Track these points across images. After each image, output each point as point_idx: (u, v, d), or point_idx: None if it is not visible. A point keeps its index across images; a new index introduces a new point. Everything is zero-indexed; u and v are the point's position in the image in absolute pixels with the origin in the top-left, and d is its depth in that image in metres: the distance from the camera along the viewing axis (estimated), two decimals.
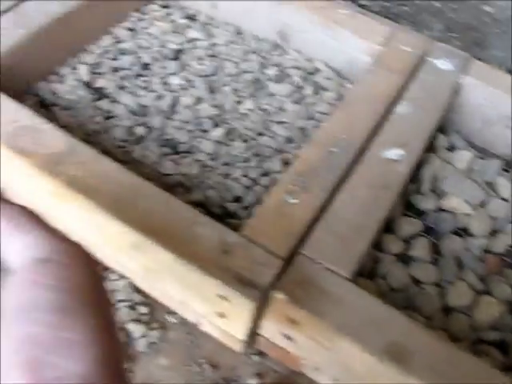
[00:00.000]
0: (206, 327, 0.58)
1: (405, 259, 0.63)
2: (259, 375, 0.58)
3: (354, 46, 0.78)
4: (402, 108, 0.69)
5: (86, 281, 0.31)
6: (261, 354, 0.60)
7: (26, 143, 0.58)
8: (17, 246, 0.32)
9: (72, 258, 0.31)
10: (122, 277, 0.61)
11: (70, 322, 0.29)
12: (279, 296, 0.50)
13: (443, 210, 0.67)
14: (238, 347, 0.57)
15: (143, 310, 0.63)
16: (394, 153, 0.63)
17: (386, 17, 0.95)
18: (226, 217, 0.62)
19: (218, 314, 0.54)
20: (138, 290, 0.61)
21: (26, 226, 0.33)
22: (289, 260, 0.53)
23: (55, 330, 0.28)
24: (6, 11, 0.73)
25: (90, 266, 0.32)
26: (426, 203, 0.67)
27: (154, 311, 0.61)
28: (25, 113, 0.61)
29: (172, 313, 0.61)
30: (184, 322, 0.61)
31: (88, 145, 0.59)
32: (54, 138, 0.59)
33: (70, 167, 0.57)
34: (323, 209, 0.57)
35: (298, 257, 0.53)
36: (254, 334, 0.56)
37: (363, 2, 1.03)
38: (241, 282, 0.50)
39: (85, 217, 0.57)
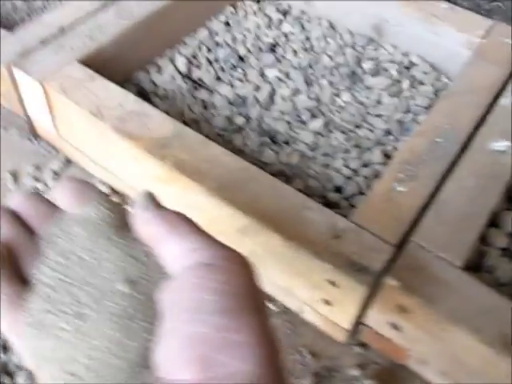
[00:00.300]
0: (308, 315, 0.58)
1: (510, 254, 0.61)
2: (360, 366, 0.57)
3: (453, 39, 0.77)
4: (506, 100, 0.67)
5: (246, 286, 0.32)
6: (362, 345, 0.59)
7: (134, 127, 0.60)
8: (177, 250, 0.33)
9: (233, 263, 0.32)
10: None
11: (236, 324, 0.29)
12: (391, 282, 0.49)
13: None
14: (340, 336, 0.57)
15: None
16: (500, 144, 0.62)
17: (479, 13, 0.93)
18: (327, 206, 0.61)
19: (324, 300, 0.53)
20: None
21: (186, 231, 0.34)
22: (399, 247, 0.52)
23: (222, 331, 0.29)
24: (109, 4, 0.75)
25: (248, 272, 0.33)
26: None
27: None
28: (131, 98, 0.63)
29: (273, 300, 0.60)
30: (285, 311, 0.60)
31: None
32: (160, 123, 0.60)
33: (177, 151, 0.57)
34: (432, 197, 0.56)
35: (408, 244, 0.52)
36: (358, 324, 0.56)
37: None
38: (352, 267, 0.49)
39: (191, 200, 0.57)
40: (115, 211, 0.36)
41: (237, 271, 0.32)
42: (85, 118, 0.62)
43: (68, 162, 0.73)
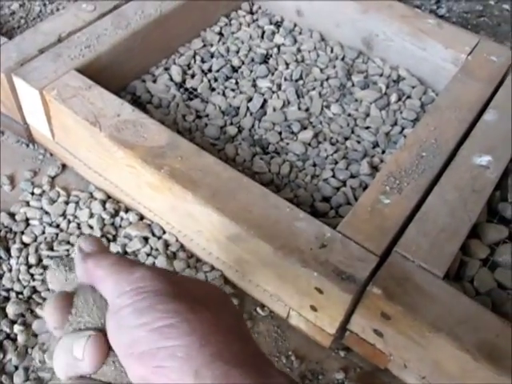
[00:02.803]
0: (295, 320, 0.60)
1: (490, 264, 0.63)
2: (344, 370, 0.60)
3: (439, 54, 0.79)
4: (489, 116, 0.69)
5: (241, 322, 0.36)
6: (347, 349, 0.61)
7: (129, 136, 0.62)
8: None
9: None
10: (214, 268, 0.63)
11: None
12: (376, 291, 0.51)
13: None
14: (325, 341, 0.59)
15: (233, 301, 0.65)
16: (482, 159, 0.64)
17: (465, 28, 0.96)
18: (314, 216, 0.63)
19: (310, 307, 0.56)
20: (228, 282, 0.63)
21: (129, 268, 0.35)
22: (384, 257, 0.54)
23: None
24: (106, 13, 0.77)
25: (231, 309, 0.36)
26: None
27: (243, 303, 0.63)
28: (127, 107, 0.65)
29: (261, 305, 0.62)
30: (272, 316, 0.62)
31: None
32: (156, 132, 0.62)
33: (171, 160, 0.59)
34: (415, 209, 0.59)
35: (392, 254, 0.55)
36: (343, 329, 0.58)
37: (443, 13, 1.04)
38: (339, 276, 0.51)
39: (184, 208, 0.59)
40: None
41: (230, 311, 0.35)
42: (82, 126, 0.64)
43: (64, 167, 0.74)
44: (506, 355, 0.49)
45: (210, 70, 0.81)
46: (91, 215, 0.68)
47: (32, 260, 0.63)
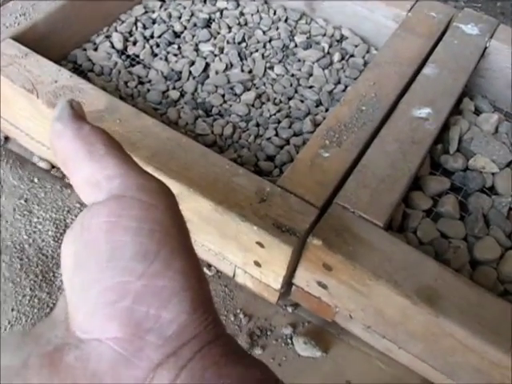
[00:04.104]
0: (241, 278, 0.60)
1: (433, 215, 0.64)
2: (292, 325, 0.60)
3: (382, 13, 0.80)
4: (429, 70, 0.70)
5: (167, 221, 0.28)
6: (294, 305, 0.61)
7: None
8: (90, 177, 0.29)
9: (151, 195, 0.29)
10: None
11: (157, 267, 0.27)
12: (316, 242, 0.52)
13: (470, 170, 0.69)
14: (272, 298, 0.60)
15: None
16: (422, 111, 0.65)
17: None
18: (259, 175, 0.64)
19: (254, 262, 0.56)
20: None
21: (102, 152, 0.30)
22: (324, 209, 0.55)
23: (143, 278, 0.26)
24: None
25: (170, 205, 0.29)
26: (454, 163, 0.69)
27: None
28: (64, 73, 0.64)
29: (208, 265, 0.62)
30: (219, 275, 0.63)
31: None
32: (94, 97, 0.61)
33: (110, 124, 0.59)
34: (355, 162, 0.59)
35: (332, 206, 0.55)
36: (288, 285, 0.58)
37: None
38: (279, 229, 0.52)
39: None
40: None
41: (155, 204, 0.28)
42: (19, 95, 0.63)
43: (6, 139, 0.73)
44: (444, 298, 0.50)
45: (151, 37, 0.80)
46: None
47: None
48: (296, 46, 0.81)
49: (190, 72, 0.75)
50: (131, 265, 0.26)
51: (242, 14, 0.85)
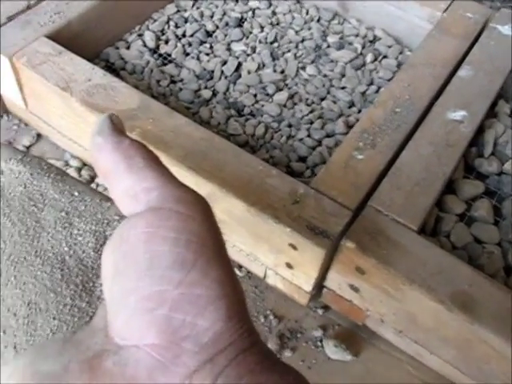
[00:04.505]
0: (272, 280, 0.60)
1: (467, 219, 0.63)
2: (323, 328, 0.60)
3: (415, 13, 0.79)
4: (464, 72, 0.69)
5: (204, 232, 0.29)
6: (325, 307, 0.61)
7: (101, 100, 0.61)
8: (129, 190, 0.30)
9: (189, 206, 0.29)
10: None
11: (194, 277, 0.27)
12: (349, 245, 0.51)
13: (505, 174, 0.68)
14: (303, 300, 0.59)
15: None
16: (457, 114, 0.64)
17: None
18: (291, 176, 0.63)
19: (286, 264, 0.56)
20: None
21: (140, 165, 0.30)
22: (357, 211, 0.54)
23: (180, 286, 0.27)
24: None
25: (207, 216, 0.30)
26: (489, 166, 0.67)
27: None
28: (98, 72, 0.64)
29: (239, 266, 0.62)
30: (250, 276, 0.62)
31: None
32: (127, 95, 0.61)
33: (143, 122, 0.59)
34: (389, 165, 0.58)
35: (366, 209, 0.54)
36: (319, 287, 0.58)
37: None
38: (312, 231, 0.51)
39: None
40: (33, 166, 0.36)
41: (192, 216, 0.29)
42: (53, 92, 0.63)
43: (39, 136, 0.74)
44: (479, 304, 0.49)
45: (183, 36, 0.80)
46: None
47: None
48: (329, 46, 0.80)
49: (222, 71, 0.75)
50: (169, 274, 0.27)
51: (274, 13, 0.84)
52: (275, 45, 0.79)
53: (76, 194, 0.35)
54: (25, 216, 0.34)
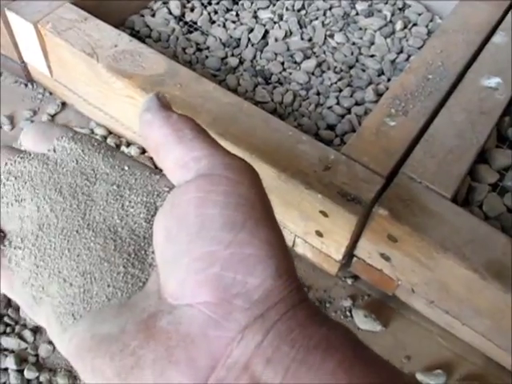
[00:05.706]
0: (301, 248, 0.59)
1: (500, 189, 0.62)
2: (352, 298, 0.59)
3: None
4: (498, 38, 0.67)
5: (251, 195, 0.30)
6: (354, 277, 0.60)
7: (127, 66, 0.60)
8: (178, 160, 0.31)
9: (236, 172, 0.30)
10: None
11: (243, 237, 0.28)
12: (382, 212, 0.50)
13: None
14: (332, 269, 0.58)
15: None
16: (491, 81, 0.62)
17: None
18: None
19: (316, 232, 0.55)
20: None
21: (189, 137, 0.31)
22: (390, 178, 0.53)
23: (231, 246, 0.28)
24: None
25: (254, 181, 0.31)
26: None
27: None
28: (124, 38, 0.63)
29: None
30: None
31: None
32: (154, 61, 0.60)
33: (170, 88, 0.58)
34: (422, 132, 0.57)
35: (398, 175, 0.53)
36: (349, 256, 0.57)
37: None
38: (344, 197, 0.50)
39: None
40: (84, 143, 0.37)
41: (241, 181, 0.30)
42: (79, 59, 0.62)
43: (64, 105, 0.73)
44: None
45: (209, 3, 0.79)
46: None
47: None
48: (357, 13, 0.78)
49: (249, 39, 0.73)
50: (219, 235, 0.28)
51: None
52: (302, 12, 0.78)
53: (126, 168, 0.36)
54: (76, 191, 0.35)
